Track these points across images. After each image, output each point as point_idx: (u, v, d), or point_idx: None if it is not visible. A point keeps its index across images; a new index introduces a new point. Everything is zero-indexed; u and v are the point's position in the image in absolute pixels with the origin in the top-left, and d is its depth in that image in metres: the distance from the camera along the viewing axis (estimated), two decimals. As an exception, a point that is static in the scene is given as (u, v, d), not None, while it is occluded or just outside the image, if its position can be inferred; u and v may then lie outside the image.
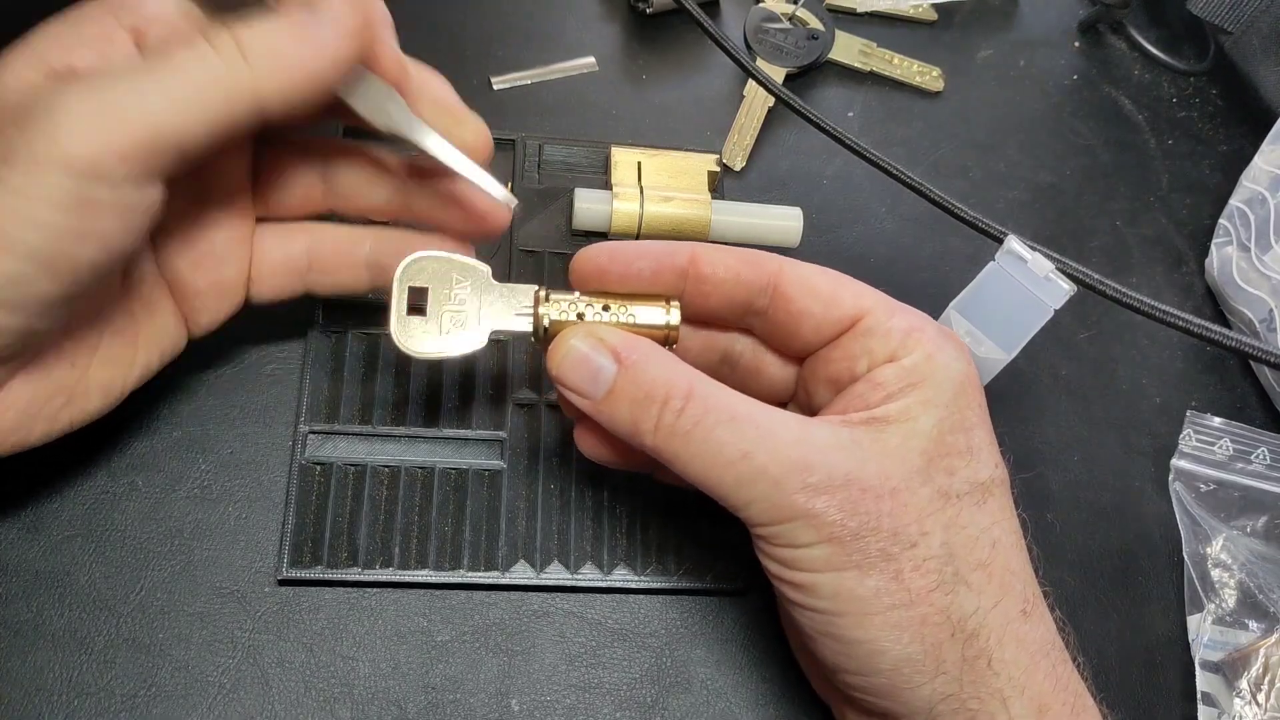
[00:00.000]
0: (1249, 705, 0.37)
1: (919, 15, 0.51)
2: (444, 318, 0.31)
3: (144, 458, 0.35)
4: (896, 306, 0.30)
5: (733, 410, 0.28)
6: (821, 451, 0.27)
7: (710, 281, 0.31)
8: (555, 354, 0.30)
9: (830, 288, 0.31)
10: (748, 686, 0.35)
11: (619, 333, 0.30)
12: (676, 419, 0.28)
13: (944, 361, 0.29)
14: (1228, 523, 0.41)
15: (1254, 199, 0.45)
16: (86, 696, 0.32)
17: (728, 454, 0.27)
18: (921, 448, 0.28)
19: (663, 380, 0.28)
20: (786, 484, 0.27)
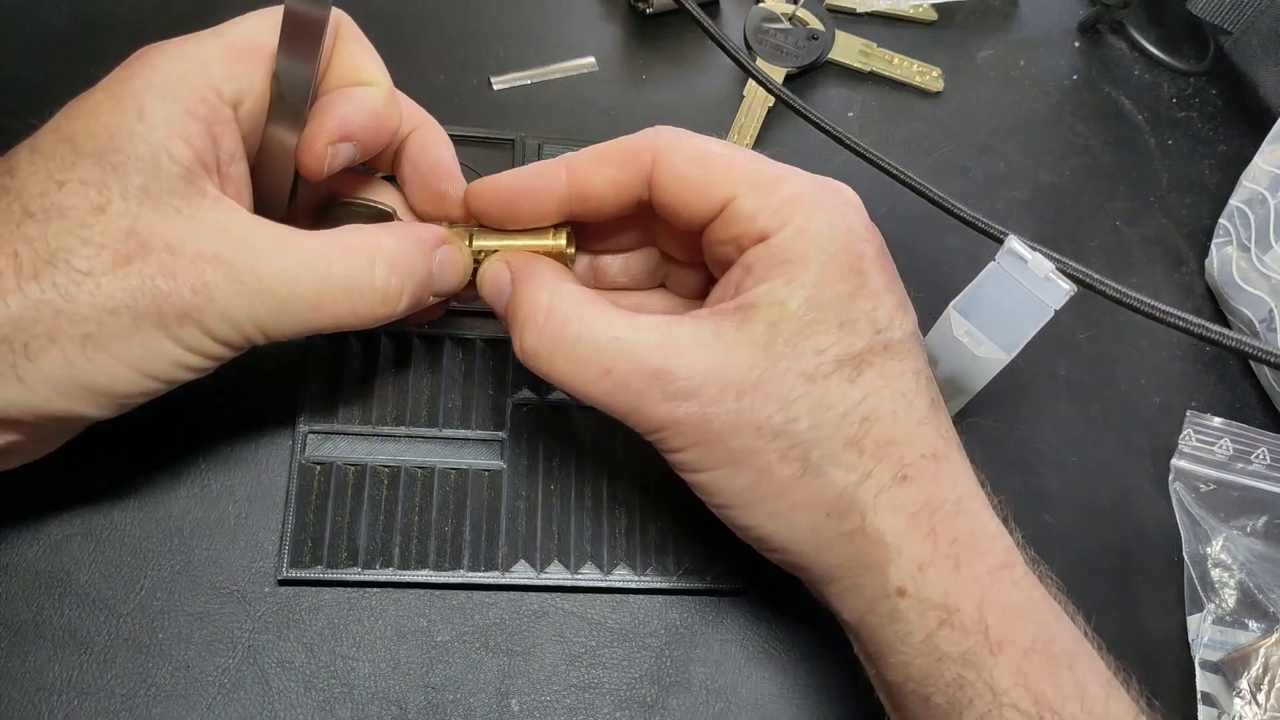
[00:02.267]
0: (1249, 705, 0.37)
1: (919, 15, 0.51)
2: None
3: (144, 457, 0.35)
4: (771, 179, 0.29)
5: (591, 326, 0.28)
6: (682, 355, 0.28)
7: (593, 200, 0.31)
8: (481, 280, 0.32)
9: (699, 173, 0.29)
10: (747, 686, 0.35)
11: (522, 256, 0.31)
12: (537, 339, 0.29)
13: (817, 231, 0.28)
14: (1228, 523, 0.41)
15: (1254, 199, 0.45)
16: (86, 696, 0.32)
17: (590, 371, 0.28)
18: (787, 332, 0.28)
19: (528, 300, 0.30)
20: (649, 396, 0.28)
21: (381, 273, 0.29)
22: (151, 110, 0.27)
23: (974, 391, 0.37)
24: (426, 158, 0.33)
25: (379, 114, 0.31)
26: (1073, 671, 0.27)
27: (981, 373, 0.36)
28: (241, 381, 0.37)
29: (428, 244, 0.31)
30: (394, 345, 0.38)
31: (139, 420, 0.36)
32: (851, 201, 0.30)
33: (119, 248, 0.26)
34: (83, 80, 0.28)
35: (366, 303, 0.29)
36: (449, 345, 0.38)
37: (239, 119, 0.29)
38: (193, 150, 0.27)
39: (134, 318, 0.26)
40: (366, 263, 0.29)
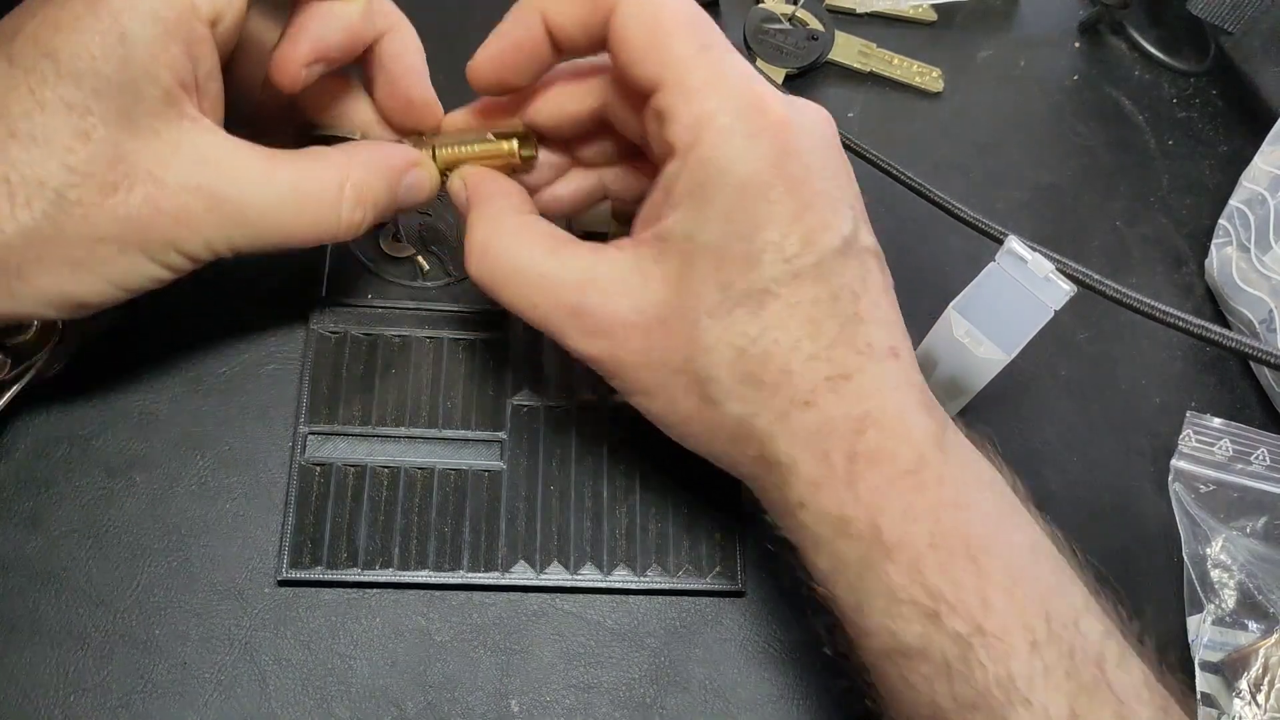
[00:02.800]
0: (1249, 706, 0.36)
1: (919, 15, 0.51)
2: None
3: (144, 457, 0.35)
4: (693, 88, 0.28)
5: (519, 262, 0.31)
6: (600, 293, 0.30)
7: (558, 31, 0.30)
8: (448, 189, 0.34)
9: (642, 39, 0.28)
10: (746, 686, 0.35)
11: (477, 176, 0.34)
12: (477, 269, 0.31)
13: (727, 157, 0.28)
14: (1227, 523, 0.40)
15: (1254, 199, 0.44)
16: (83, 693, 0.32)
17: (522, 302, 0.31)
18: (698, 267, 0.28)
19: (473, 229, 0.32)
20: (569, 330, 0.30)
21: (349, 205, 0.31)
22: (134, 33, 0.27)
23: (974, 392, 0.37)
24: (399, 64, 0.33)
25: (355, 32, 0.32)
26: (975, 563, 0.27)
27: (981, 373, 0.36)
28: (241, 381, 0.37)
29: (397, 171, 0.33)
30: (394, 345, 0.38)
31: (138, 418, 0.36)
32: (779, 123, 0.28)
33: (105, 176, 0.28)
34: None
35: (332, 231, 0.32)
36: (449, 345, 0.38)
37: (216, 36, 0.29)
38: (173, 73, 0.28)
39: (120, 246, 0.29)
40: (335, 196, 0.31)
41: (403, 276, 0.40)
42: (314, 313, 0.38)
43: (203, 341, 0.37)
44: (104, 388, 0.36)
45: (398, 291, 0.39)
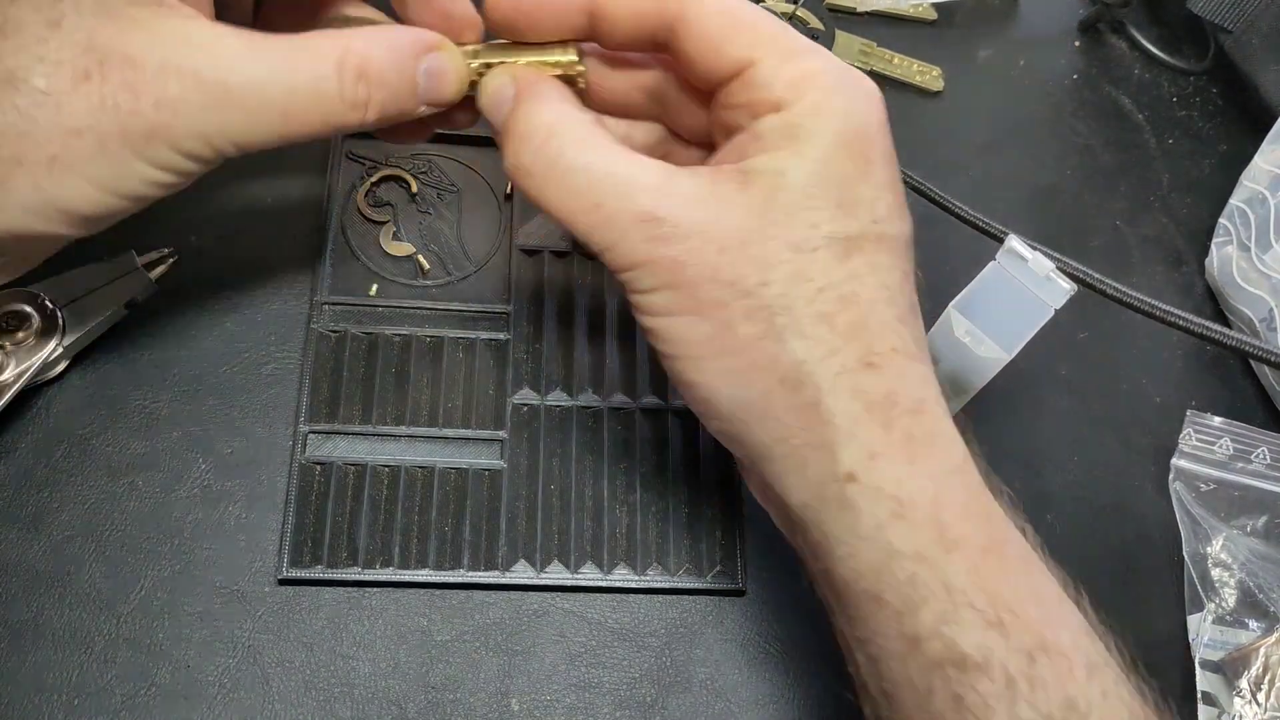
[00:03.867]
0: (1249, 705, 0.37)
1: (919, 15, 0.51)
2: None
3: (144, 458, 0.35)
4: (794, 50, 0.29)
5: (590, 157, 0.28)
6: (675, 203, 0.27)
7: (610, 20, 0.30)
8: (482, 93, 0.30)
9: (722, 30, 0.29)
10: (747, 686, 0.35)
11: (530, 72, 0.30)
12: (533, 156, 0.28)
13: (833, 109, 0.28)
14: (1228, 522, 0.41)
15: (1254, 198, 0.45)
16: (87, 696, 0.32)
17: (579, 202, 0.28)
18: (784, 201, 0.27)
19: (529, 116, 0.29)
20: (633, 234, 0.27)
21: (349, 79, 0.28)
22: None
23: (974, 391, 0.37)
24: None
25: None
26: (1029, 575, 0.27)
27: (982, 372, 0.36)
28: (242, 381, 0.37)
29: (407, 50, 0.29)
30: (394, 345, 0.38)
31: (139, 419, 0.36)
32: (872, 93, 0.29)
33: (77, 63, 0.26)
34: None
35: (332, 109, 0.28)
36: (449, 345, 0.38)
37: None
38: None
39: (98, 138, 0.26)
40: (333, 69, 0.28)
41: (403, 276, 0.40)
42: (314, 313, 0.38)
43: (203, 341, 0.37)
44: (104, 388, 0.36)
45: (398, 291, 0.39)
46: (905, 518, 0.26)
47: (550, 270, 0.41)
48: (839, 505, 0.27)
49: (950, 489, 0.27)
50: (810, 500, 0.27)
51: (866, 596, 0.27)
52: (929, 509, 0.26)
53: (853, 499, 0.26)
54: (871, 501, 0.26)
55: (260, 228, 0.40)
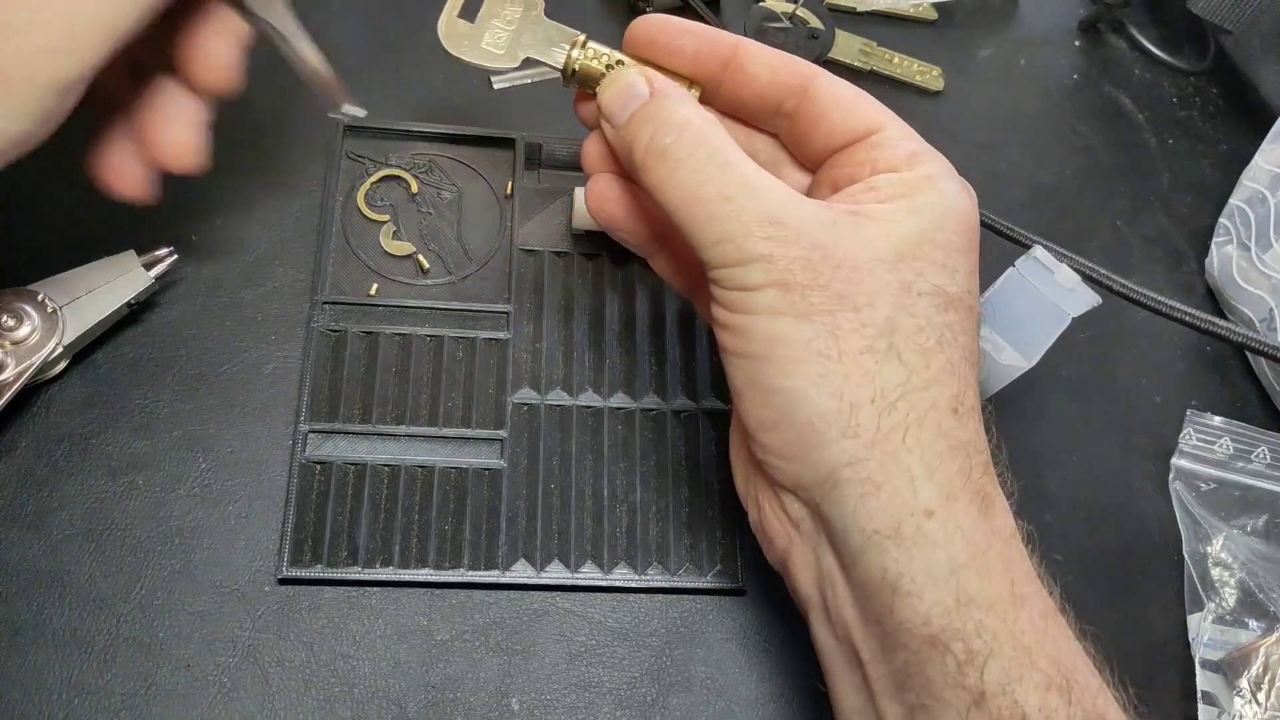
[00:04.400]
0: (1249, 704, 0.37)
1: (919, 14, 0.51)
2: (488, 32, 0.34)
3: (144, 457, 0.35)
4: (914, 135, 0.31)
5: (727, 156, 0.29)
6: (799, 217, 0.28)
7: (747, 74, 0.32)
8: (611, 83, 0.32)
9: (853, 100, 0.32)
10: (748, 686, 0.35)
11: (662, 75, 0.32)
12: (671, 141, 0.29)
13: (944, 188, 0.30)
14: (1228, 522, 0.41)
15: (1254, 198, 0.45)
16: (86, 695, 0.32)
17: (708, 192, 0.29)
18: (895, 245, 0.28)
19: (672, 109, 0.30)
20: (754, 230, 0.28)
21: None
22: None
23: (987, 395, 0.37)
24: None
25: None
26: (1079, 644, 0.27)
27: (1000, 378, 0.36)
28: (242, 381, 0.37)
29: None
30: (394, 345, 0.38)
31: (139, 420, 0.36)
32: (973, 194, 0.31)
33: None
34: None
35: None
36: (449, 344, 0.38)
37: None
38: None
39: None
40: None
41: (403, 275, 0.40)
42: (314, 312, 0.38)
43: (203, 341, 0.37)
44: (104, 387, 0.36)
45: (398, 290, 0.39)
46: (980, 564, 0.26)
47: (550, 270, 0.41)
48: (915, 540, 0.26)
49: (1011, 550, 0.27)
50: (881, 529, 0.26)
51: (928, 643, 0.26)
52: (1001, 560, 0.26)
53: (931, 535, 0.26)
54: (949, 540, 0.26)
55: (260, 228, 0.40)
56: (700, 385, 0.39)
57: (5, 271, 0.37)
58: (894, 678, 0.27)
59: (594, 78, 0.33)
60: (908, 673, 0.26)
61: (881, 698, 0.27)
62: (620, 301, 0.40)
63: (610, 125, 0.32)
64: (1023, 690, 0.25)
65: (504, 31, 0.34)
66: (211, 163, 0.37)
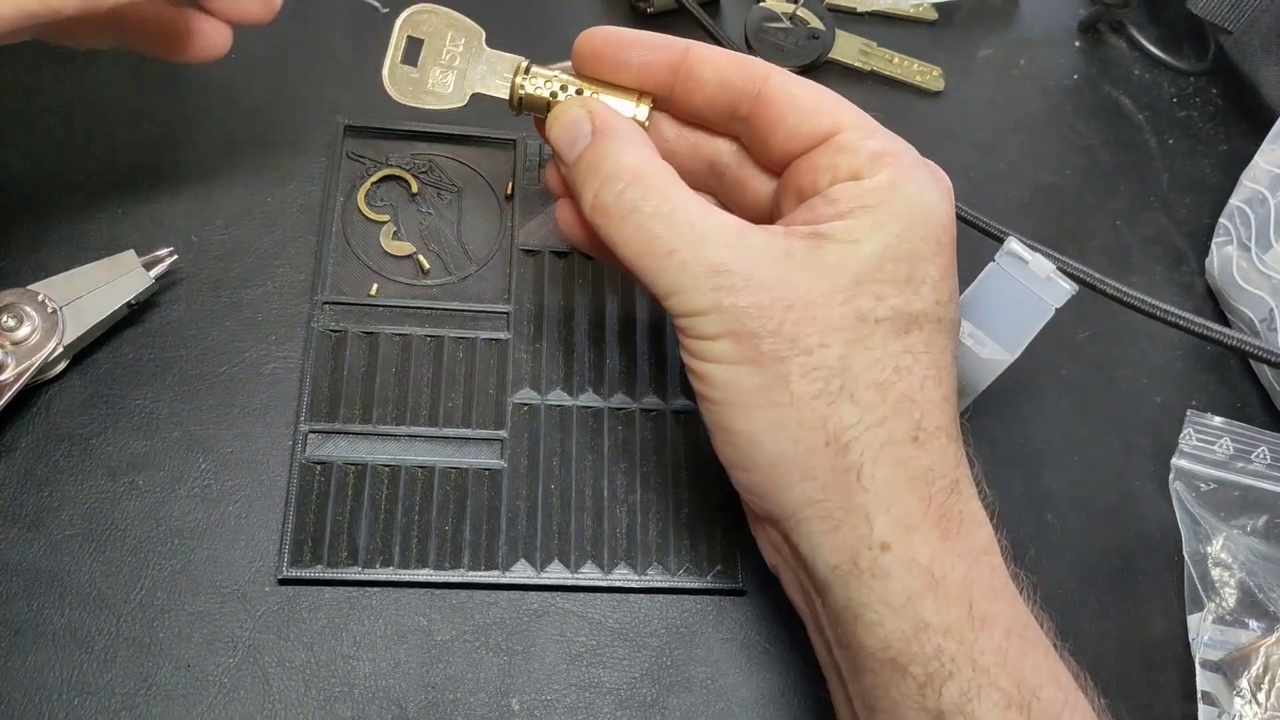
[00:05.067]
0: (1249, 704, 0.37)
1: (919, 15, 0.51)
2: (433, 72, 0.33)
3: (144, 457, 0.35)
4: (877, 129, 0.30)
5: (672, 206, 0.29)
6: (748, 258, 0.28)
7: (696, 80, 0.31)
8: (556, 118, 0.32)
9: (811, 101, 0.30)
10: (748, 686, 0.35)
11: (608, 109, 0.31)
12: (615, 198, 0.29)
13: (909, 190, 0.29)
14: (1228, 522, 0.41)
15: (1254, 198, 0.45)
16: (87, 695, 0.32)
17: (656, 247, 0.28)
18: (854, 270, 0.28)
19: (614, 158, 0.30)
20: (702, 282, 0.28)
21: None
22: None
23: (978, 392, 0.37)
24: None
25: None
26: (1048, 659, 0.27)
27: (986, 373, 0.36)
28: (242, 381, 0.37)
29: None
30: (394, 344, 0.38)
31: (139, 420, 0.36)
32: (945, 184, 0.31)
33: None
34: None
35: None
36: (449, 345, 0.38)
37: None
38: None
39: None
40: None
41: (403, 275, 0.40)
42: (314, 312, 0.38)
43: (203, 341, 0.37)
44: (104, 387, 0.36)
45: (398, 290, 0.39)
46: (937, 591, 0.27)
47: (550, 270, 0.41)
48: (873, 573, 0.27)
49: (979, 569, 0.27)
50: (841, 564, 0.28)
51: (890, 666, 0.27)
52: (960, 586, 0.27)
53: (886, 567, 0.27)
54: (904, 571, 0.27)
55: (260, 228, 0.40)
56: (700, 385, 0.39)
57: (5, 271, 0.37)
58: (864, 698, 0.28)
59: (541, 106, 0.33)
60: (875, 694, 0.27)
61: (860, 715, 0.29)
62: (620, 301, 0.40)
63: (560, 163, 0.32)
64: (982, 709, 0.26)
65: (449, 71, 0.33)
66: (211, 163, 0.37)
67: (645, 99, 0.32)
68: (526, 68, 0.33)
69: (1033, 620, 0.28)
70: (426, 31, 0.33)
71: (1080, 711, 0.27)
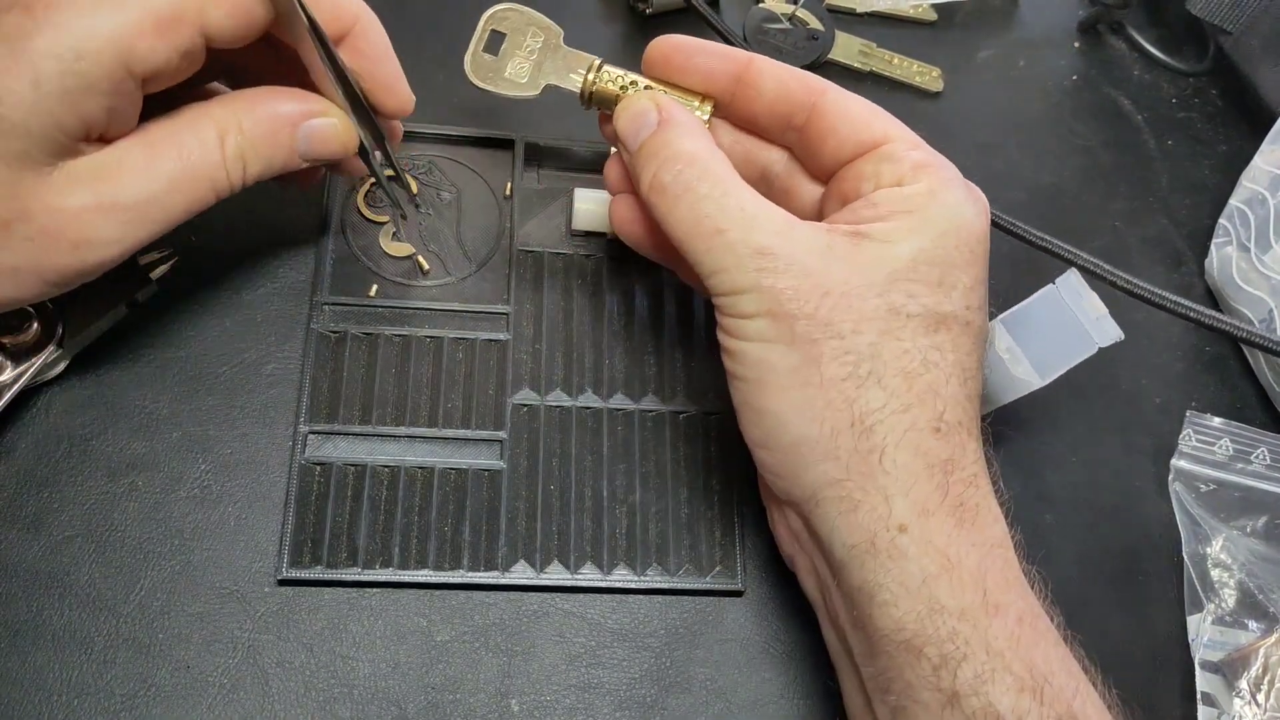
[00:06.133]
0: (1249, 705, 0.37)
1: (919, 15, 0.51)
2: (510, 62, 0.36)
3: (144, 458, 0.35)
4: (921, 144, 0.32)
5: (725, 189, 0.30)
6: (792, 245, 0.29)
7: (757, 89, 0.33)
8: (625, 109, 0.34)
9: (862, 113, 0.33)
10: (747, 686, 0.35)
11: (674, 102, 0.33)
12: (673, 178, 0.31)
13: (947, 200, 0.31)
14: (1228, 523, 0.41)
15: (1254, 199, 0.45)
16: (86, 696, 0.32)
17: (706, 226, 0.30)
18: (889, 267, 0.29)
19: (675, 143, 0.32)
20: (746, 262, 0.29)
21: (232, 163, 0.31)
22: (48, 79, 0.26)
23: (998, 405, 0.37)
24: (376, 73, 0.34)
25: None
26: (1059, 648, 0.28)
27: (1011, 390, 0.36)
28: (242, 381, 0.37)
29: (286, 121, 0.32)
30: (394, 345, 0.38)
31: (139, 420, 0.36)
32: (982, 201, 0.32)
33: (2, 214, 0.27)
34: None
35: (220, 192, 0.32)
36: (449, 344, 0.38)
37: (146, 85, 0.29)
38: (83, 123, 0.28)
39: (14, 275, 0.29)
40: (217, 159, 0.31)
41: (403, 276, 0.40)
42: (314, 313, 0.38)
43: (203, 341, 0.37)
44: (104, 388, 0.36)
45: (398, 291, 0.39)
46: (951, 575, 0.27)
47: (550, 271, 0.41)
48: (888, 554, 0.28)
49: (992, 559, 0.28)
50: (858, 544, 0.28)
51: (905, 648, 0.27)
52: (973, 572, 0.27)
53: (904, 548, 0.28)
54: (921, 553, 0.28)
55: (260, 228, 0.40)
56: (700, 386, 0.39)
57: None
58: (878, 680, 0.29)
59: (610, 100, 0.35)
60: (889, 676, 0.28)
61: (874, 697, 0.29)
62: (620, 302, 0.40)
63: (625, 150, 0.34)
64: (995, 692, 0.26)
65: (525, 62, 0.36)
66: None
67: (707, 102, 0.34)
68: (599, 65, 0.35)
69: (1043, 612, 0.29)
70: (509, 26, 0.35)
71: (1091, 701, 0.27)
